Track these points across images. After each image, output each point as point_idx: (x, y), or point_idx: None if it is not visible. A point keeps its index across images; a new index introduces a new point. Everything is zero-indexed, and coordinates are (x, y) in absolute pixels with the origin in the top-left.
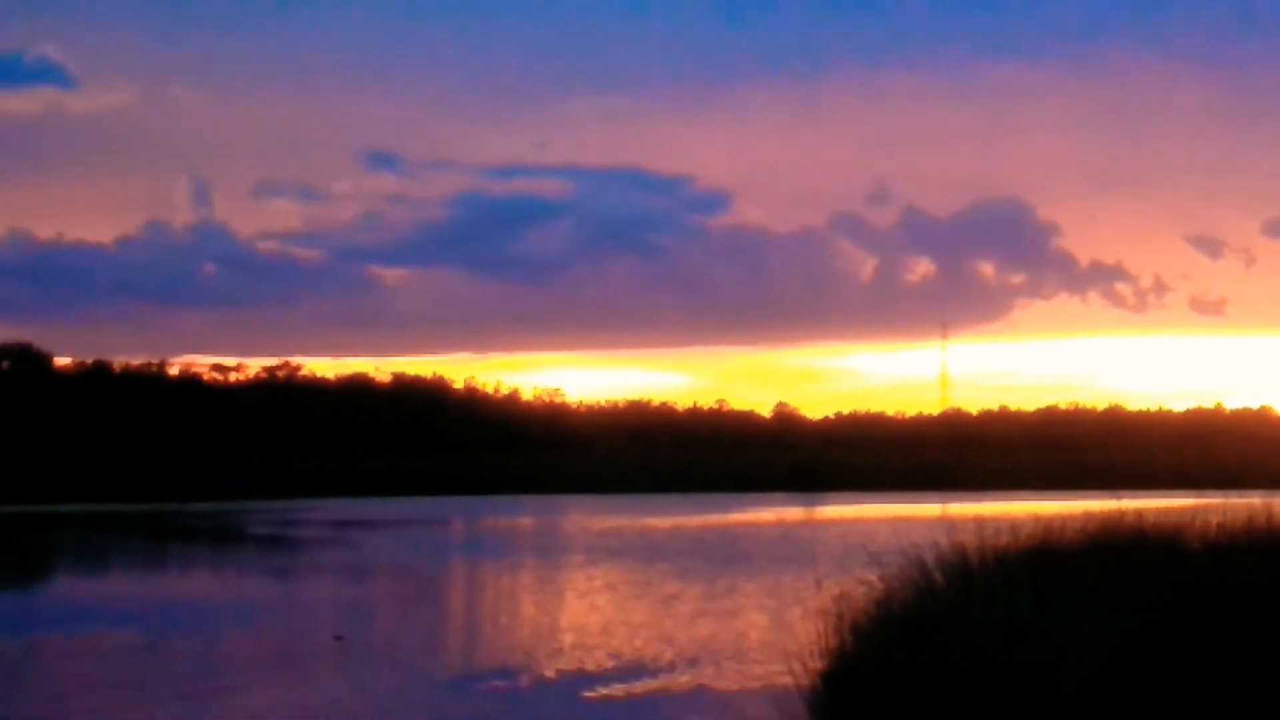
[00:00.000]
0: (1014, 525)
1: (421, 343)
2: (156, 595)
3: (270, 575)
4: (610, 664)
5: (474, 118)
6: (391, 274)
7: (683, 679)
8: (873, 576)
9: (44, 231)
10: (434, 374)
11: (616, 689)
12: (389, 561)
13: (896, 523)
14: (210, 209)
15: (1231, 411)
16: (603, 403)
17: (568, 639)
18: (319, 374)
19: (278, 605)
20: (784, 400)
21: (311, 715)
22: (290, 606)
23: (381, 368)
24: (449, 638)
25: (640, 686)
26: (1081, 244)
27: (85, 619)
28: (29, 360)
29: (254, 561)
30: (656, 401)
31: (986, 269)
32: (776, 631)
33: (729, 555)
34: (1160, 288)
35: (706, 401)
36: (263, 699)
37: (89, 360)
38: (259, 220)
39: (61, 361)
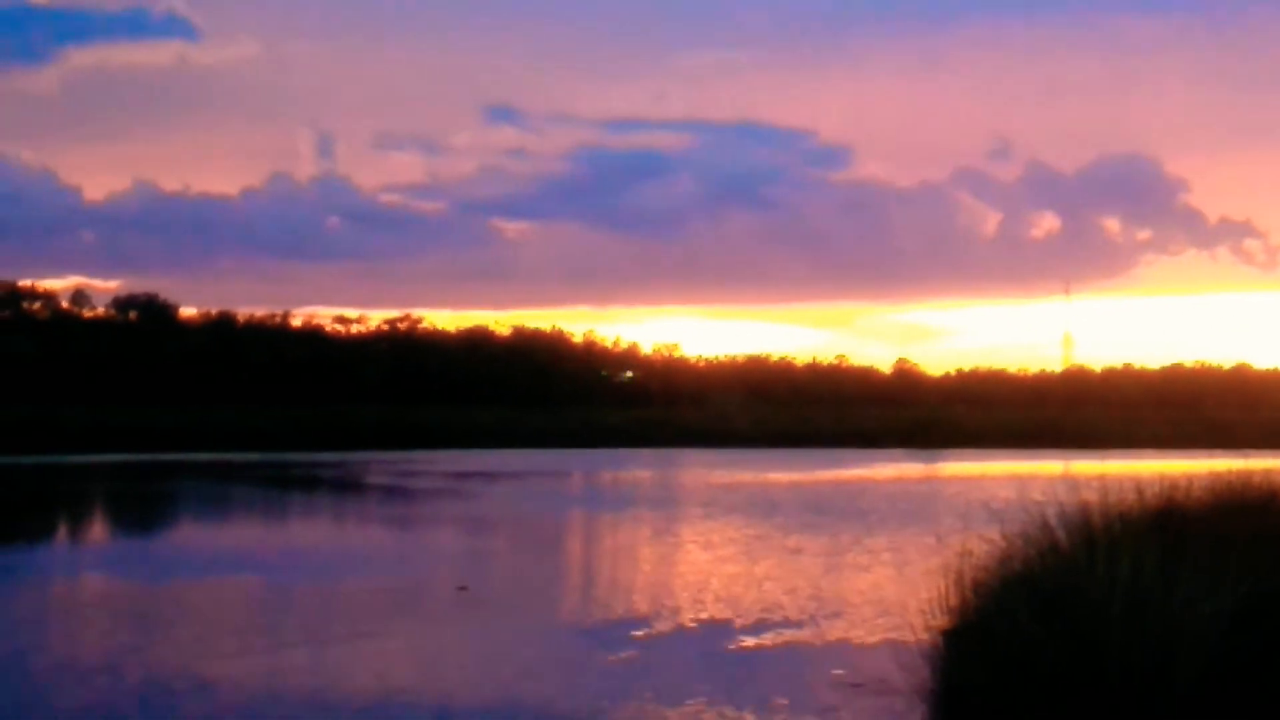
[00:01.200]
0: (1138, 484)
1: (541, 296)
2: (280, 543)
3: (391, 525)
4: (738, 616)
5: (594, 71)
6: (512, 227)
7: (812, 632)
8: (994, 534)
9: (170, 184)
10: (553, 327)
11: (748, 640)
12: (509, 513)
13: (1018, 480)
14: (333, 162)
15: None
16: (721, 358)
17: (696, 591)
18: (439, 326)
19: (399, 555)
20: (904, 356)
21: (446, 659)
22: (412, 556)
23: (501, 320)
24: (574, 589)
25: (771, 638)
26: (1210, 200)
27: (212, 566)
28: (155, 311)
29: (374, 511)
30: (775, 357)
31: (1112, 224)
32: (899, 587)
33: (849, 511)
34: None
35: (826, 357)
36: (393, 645)
37: (214, 311)
38: (381, 173)
39: (187, 313)
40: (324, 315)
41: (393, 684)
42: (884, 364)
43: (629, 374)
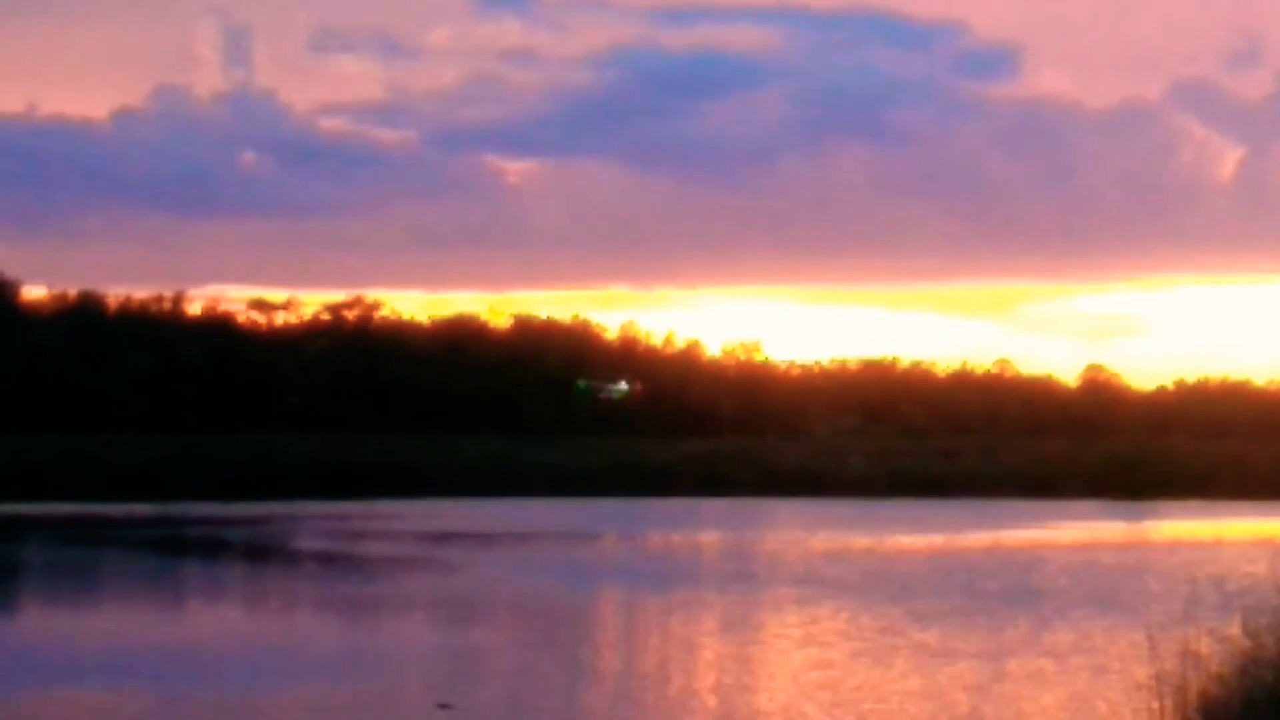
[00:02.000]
0: None
1: (556, 271)
2: (173, 638)
3: (336, 612)
4: None
5: None
6: (513, 168)
7: None
8: (1232, 628)
9: (7, 102)
10: (575, 316)
11: None
12: (507, 595)
13: (1267, 547)
14: (249, 70)
15: None
16: (824, 363)
17: (791, 716)
18: (406, 315)
19: (350, 656)
20: (1096, 361)
21: None
22: (368, 659)
23: (497, 306)
24: (603, 710)
25: None
26: None
27: (83, 670)
28: None
29: (311, 591)
30: (904, 363)
31: None
32: (1095, 706)
33: (1017, 592)
34: None
35: (980, 362)
36: None
37: (72, 293)
38: (320, 86)
39: (33, 294)
40: (235, 298)
41: None
42: (1066, 372)
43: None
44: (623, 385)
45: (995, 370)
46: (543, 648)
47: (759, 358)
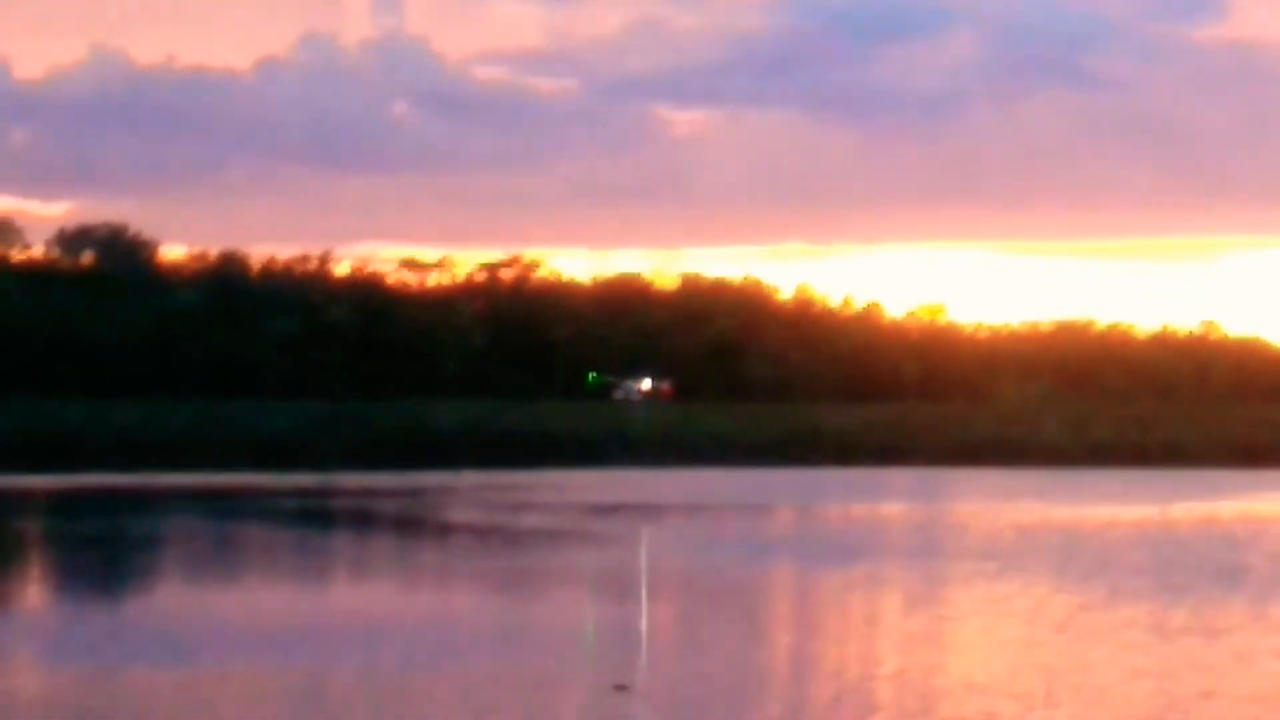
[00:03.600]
0: None
1: (728, 227)
2: (327, 615)
3: (496, 586)
4: None
5: None
6: (682, 118)
7: None
8: None
9: (145, 53)
10: (747, 276)
11: None
12: (677, 569)
13: None
14: (399, 16)
15: None
16: (1014, 325)
17: (987, 695)
18: (567, 275)
19: (515, 634)
20: None
21: None
22: (535, 637)
23: (664, 265)
24: (787, 691)
25: None
26: None
27: (234, 645)
28: (122, 251)
29: (468, 565)
30: (1101, 324)
31: None
32: None
33: (1226, 568)
34: None
35: (1185, 323)
36: None
37: (212, 252)
38: (476, 33)
39: (171, 253)
40: (385, 257)
41: None
42: (1277, 333)
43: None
44: (646, 383)
45: (1200, 332)
46: (717, 626)
47: (943, 320)
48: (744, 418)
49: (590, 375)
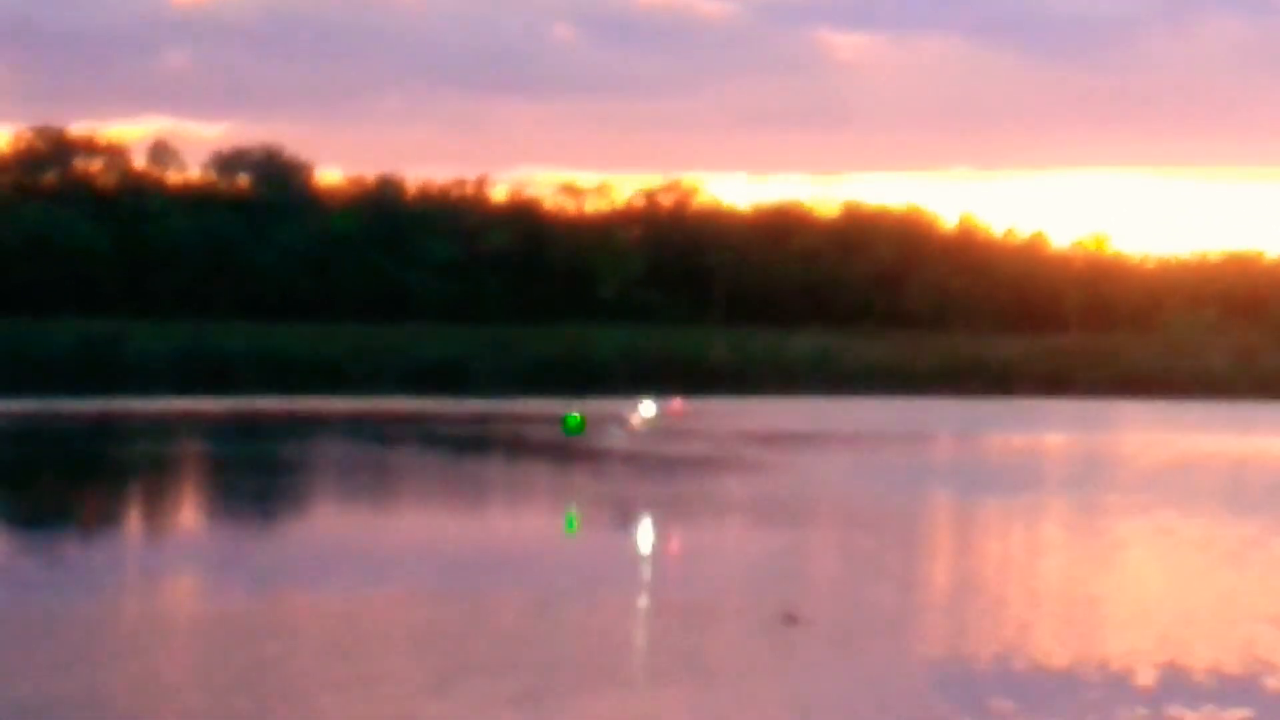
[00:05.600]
0: None
1: (891, 153)
2: (481, 541)
3: (654, 515)
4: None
5: None
6: (844, 42)
7: None
8: None
9: None
10: (909, 204)
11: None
12: (837, 498)
13: None
14: None
15: None
16: (1181, 255)
17: (1157, 626)
18: (726, 201)
19: (677, 563)
20: None
21: None
22: (696, 566)
23: (824, 192)
24: (961, 630)
25: None
26: None
27: (385, 572)
28: (278, 174)
29: (625, 493)
30: (1270, 256)
31: None
32: None
33: None
34: None
35: None
36: (705, 708)
37: (369, 176)
38: None
39: (328, 177)
40: (543, 182)
41: None
42: None
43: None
44: (648, 406)
45: None
46: (881, 555)
47: (1109, 249)
48: (904, 347)
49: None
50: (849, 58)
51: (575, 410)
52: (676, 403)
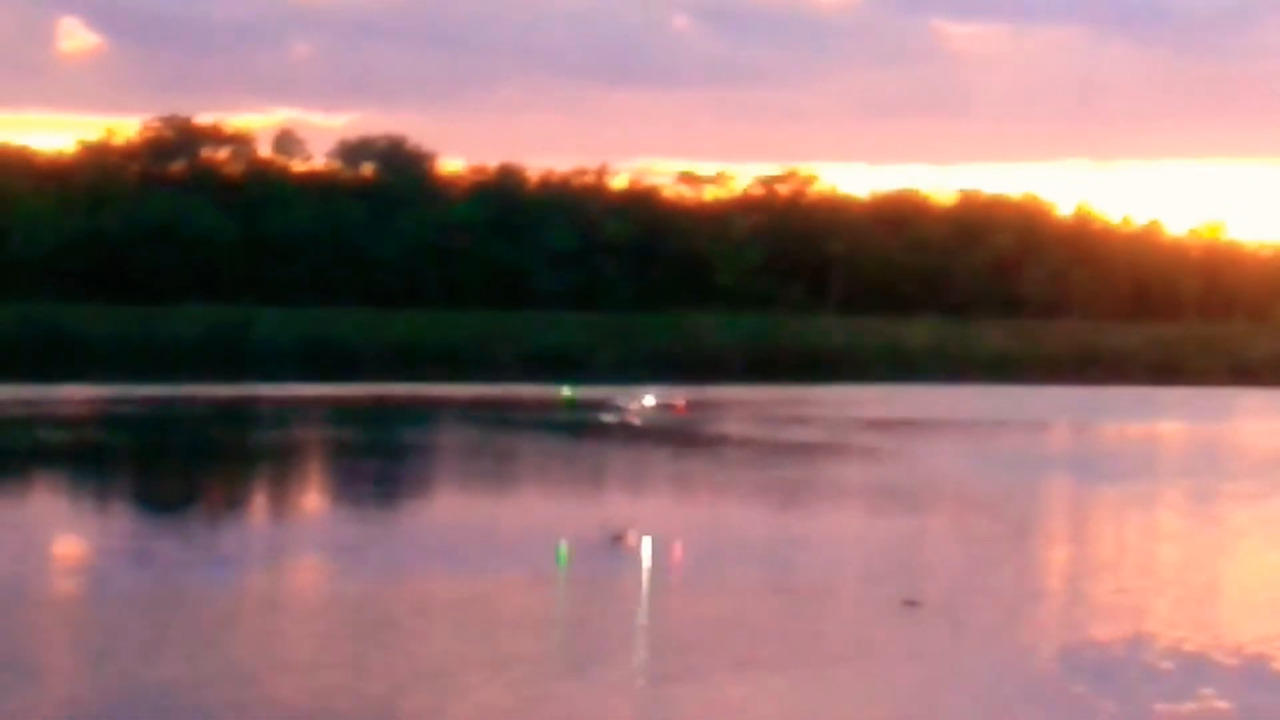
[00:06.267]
0: None
1: (1007, 143)
2: (605, 521)
3: (770, 499)
4: None
5: None
6: (961, 33)
7: None
8: None
9: None
10: (1026, 194)
11: None
12: (954, 483)
13: None
14: None
15: None
16: None
17: (1275, 618)
18: (844, 190)
19: (793, 545)
20: None
21: None
22: (813, 548)
23: (941, 180)
24: (1086, 615)
25: None
26: None
27: (503, 553)
28: (401, 163)
29: (740, 477)
30: None
31: None
32: None
33: None
34: None
35: None
36: (833, 688)
37: (490, 165)
38: None
39: (449, 166)
40: (661, 171)
41: None
42: None
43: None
44: (649, 398)
45: None
46: (998, 540)
47: (1224, 238)
48: (1020, 335)
49: (565, 393)
50: (966, 48)
51: (567, 389)
52: (680, 399)
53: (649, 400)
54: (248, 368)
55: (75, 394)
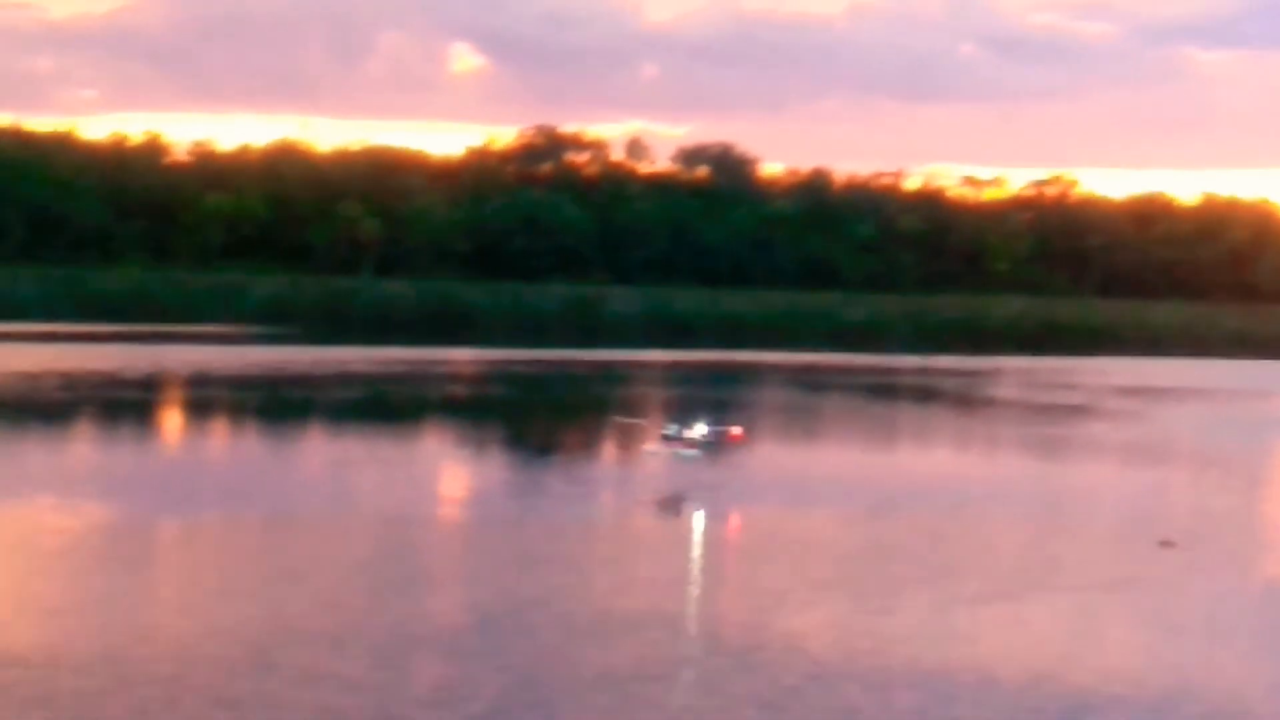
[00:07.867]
0: None
1: (1247, 152)
2: (891, 472)
3: (1036, 452)
4: None
5: None
6: (1209, 58)
7: None
8: None
9: (752, 1)
10: (1259, 196)
11: None
12: (1202, 444)
13: None
14: None
15: None
16: None
17: None
18: (1100, 193)
19: (1055, 493)
20: None
21: (1183, 646)
22: (1073, 495)
23: (1187, 186)
24: None
25: None
26: None
27: (810, 494)
28: (730, 167)
29: (1012, 434)
30: None
31: None
32: None
33: None
34: None
35: None
36: (1105, 610)
37: (804, 168)
38: None
39: (769, 169)
40: (948, 175)
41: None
42: None
43: None
44: (700, 428)
45: None
46: (1238, 493)
47: None
48: (1252, 317)
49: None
50: (1212, 72)
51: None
52: (736, 429)
53: (700, 429)
54: (601, 336)
55: (461, 355)
